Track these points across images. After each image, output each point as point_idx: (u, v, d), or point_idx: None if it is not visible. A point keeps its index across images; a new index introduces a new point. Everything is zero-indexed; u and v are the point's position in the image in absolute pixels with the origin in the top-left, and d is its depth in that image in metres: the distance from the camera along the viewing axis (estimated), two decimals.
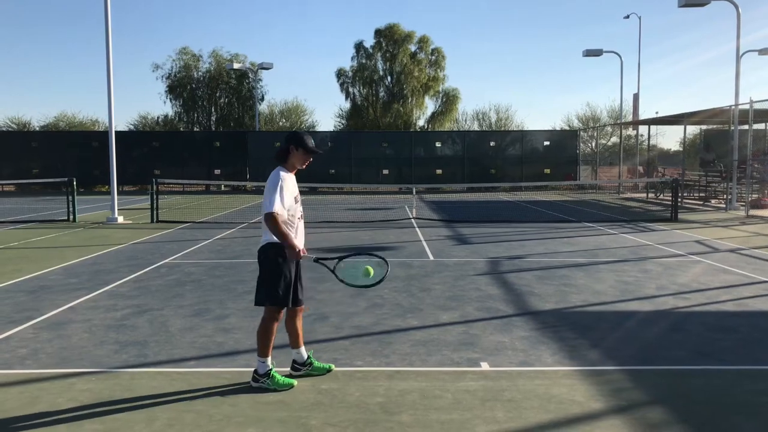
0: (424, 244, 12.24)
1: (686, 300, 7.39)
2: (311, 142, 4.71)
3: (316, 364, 4.89)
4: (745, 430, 3.94)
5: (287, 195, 4.49)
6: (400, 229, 14.88)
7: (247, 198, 27.07)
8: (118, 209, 16.99)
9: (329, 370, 4.91)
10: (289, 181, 4.57)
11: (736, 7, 21.05)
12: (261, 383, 4.57)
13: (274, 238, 4.49)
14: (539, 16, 78.43)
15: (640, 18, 32.14)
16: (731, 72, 21.43)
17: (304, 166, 4.76)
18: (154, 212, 16.44)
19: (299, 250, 4.49)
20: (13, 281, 8.59)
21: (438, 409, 4.20)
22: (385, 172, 32.81)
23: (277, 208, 4.40)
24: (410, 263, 9.96)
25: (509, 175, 32.70)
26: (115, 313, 6.79)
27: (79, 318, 6.60)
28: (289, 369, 4.88)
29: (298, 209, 4.67)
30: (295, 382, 4.64)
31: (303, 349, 4.86)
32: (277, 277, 4.54)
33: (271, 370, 4.59)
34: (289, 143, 4.66)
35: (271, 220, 4.38)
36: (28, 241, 12.92)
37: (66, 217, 16.72)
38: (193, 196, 28.63)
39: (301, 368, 4.85)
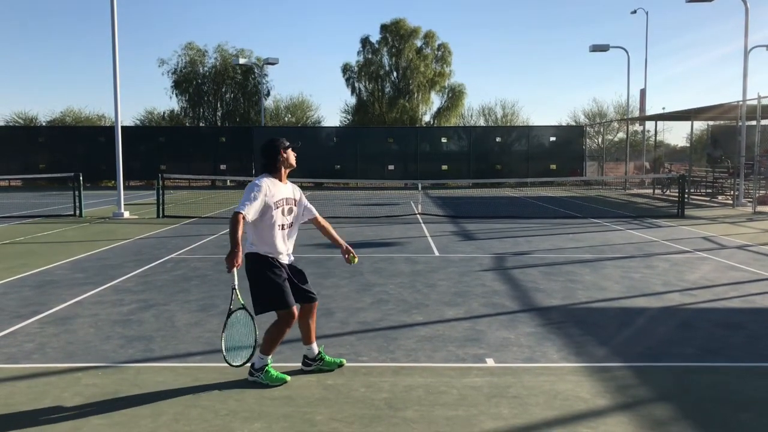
0: (430, 239, 12.23)
1: (693, 297, 7.36)
2: (285, 141, 4.76)
3: (327, 359, 4.88)
4: (754, 428, 3.92)
5: (259, 201, 4.49)
6: (406, 224, 14.87)
7: None
8: (125, 204, 17.02)
9: (340, 365, 4.90)
10: (272, 188, 4.59)
11: (745, 2, 20.91)
12: (256, 377, 4.58)
13: (254, 247, 4.60)
14: (546, 12, 78.09)
15: (647, 13, 32.00)
16: (740, 68, 21.31)
17: (294, 163, 4.81)
18: (160, 207, 16.47)
19: (236, 261, 4.40)
20: (20, 276, 8.62)
21: (443, 405, 4.20)
22: (391, 167, 32.75)
23: (243, 209, 4.42)
24: (415, 259, 9.95)
25: (515, 170, 32.60)
26: (121, 308, 6.80)
27: (85, 313, 6.62)
28: (299, 365, 4.88)
29: (285, 218, 4.67)
30: (288, 378, 4.62)
31: (314, 345, 4.85)
32: (268, 282, 4.55)
33: (267, 365, 4.61)
34: (277, 150, 4.68)
35: (233, 218, 4.41)
36: (34, 235, 12.96)
37: (72, 212, 16.78)
38: (199, 191, 28.68)
39: (312, 363, 4.85)
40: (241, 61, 38.66)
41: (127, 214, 16.60)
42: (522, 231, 13.63)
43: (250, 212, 4.44)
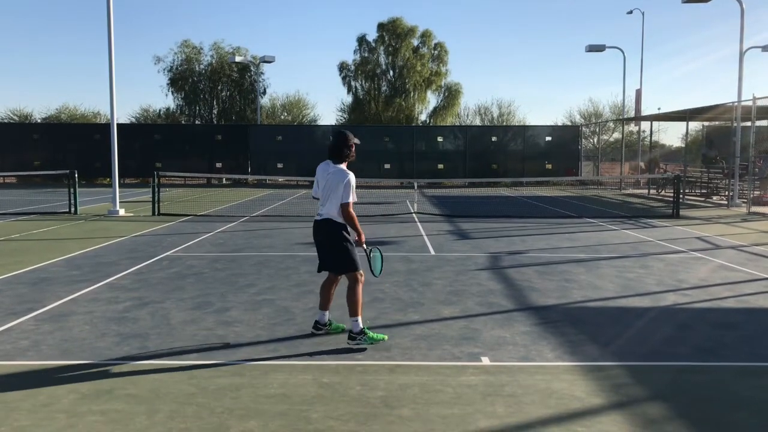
0: (426, 238, 12.24)
1: (687, 296, 7.39)
2: (353, 138, 5.63)
3: (334, 324, 5.75)
4: (747, 427, 3.94)
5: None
6: (402, 223, 14.88)
7: (248, 191, 27.06)
8: (120, 202, 16.98)
9: (344, 330, 5.66)
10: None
11: (740, 3, 20.98)
12: (358, 341, 5.32)
13: (339, 218, 5.46)
14: (542, 12, 78.21)
15: (643, 13, 32.06)
16: (736, 71, 21.40)
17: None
18: (156, 205, 16.44)
19: (363, 240, 5.56)
20: (15, 273, 8.60)
21: (439, 404, 4.21)
22: (387, 166, 32.75)
23: (353, 199, 5.43)
24: (411, 258, 9.96)
25: (511, 170, 32.65)
26: (116, 306, 6.80)
27: (80, 310, 6.61)
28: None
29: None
30: (386, 336, 5.48)
31: (327, 312, 5.73)
32: (350, 249, 5.46)
33: (364, 328, 5.37)
34: (348, 146, 5.54)
35: (349, 210, 5.41)
36: (29, 233, 12.93)
37: (67, 210, 16.73)
38: (195, 189, 28.62)
39: (321, 328, 5.68)
40: (238, 59, 38.52)
41: (122, 212, 16.56)
42: (517, 230, 13.65)
43: (355, 198, 5.47)
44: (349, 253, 5.44)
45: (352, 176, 5.47)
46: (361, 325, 5.36)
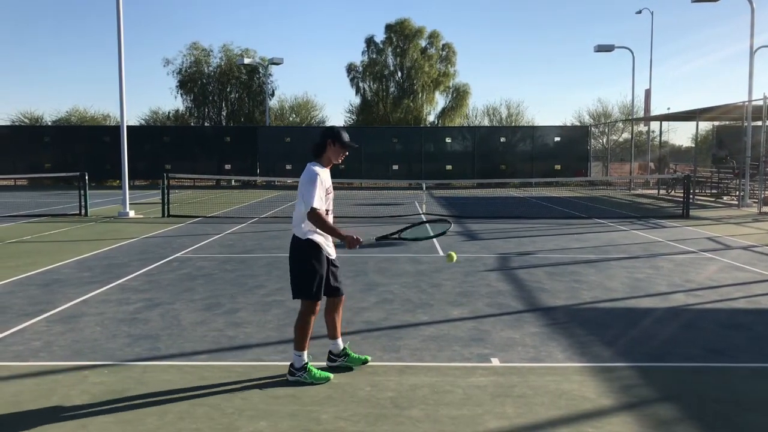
0: (434, 239, 12.22)
1: (698, 297, 7.35)
2: (347, 137, 4.71)
3: (352, 355, 4.91)
4: (758, 428, 3.92)
5: (322, 189, 4.53)
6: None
7: (257, 193, 27.14)
8: (130, 203, 17.07)
9: (365, 362, 4.92)
10: (323, 176, 4.59)
11: (751, 2, 20.86)
12: (297, 377, 4.58)
13: (309, 234, 4.58)
14: (551, 12, 77.97)
15: (652, 13, 31.89)
16: (746, 69, 21.28)
17: (339, 161, 4.75)
18: (166, 207, 16.52)
19: (356, 237, 4.49)
20: (27, 274, 8.67)
21: (448, 404, 4.21)
22: (395, 167, 32.77)
23: (317, 203, 4.45)
24: (420, 259, 9.96)
25: (519, 170, 32.59)
26: (127, 307, 6.84)
27: (91, 311, 6.65)
28: (325, 362, 4.92)
29: (330, 204, 4.72)
30: (331, 375, 4.66)
31: (340, 340, 4.90)
32: (310, 273, 4.56)
33: (307, 363, 4.60)
34: (325, 138, 4.63)
35: (314, 215, 4.44)
36: (40, 234, 13.02)
37: (78, 212, 16.85)
38: (204, 191, 28.73)
39: (336, 359, 4.88)
40: (246, 61, 38.64)
41: (132, 214, 16.65)
42: (526, 231, 13.62)
43: (321, 203, 4.50)
44: (305, 277, 4.53)
45: (322, 172, 4.54)
46: (304, 360, 4.57)
